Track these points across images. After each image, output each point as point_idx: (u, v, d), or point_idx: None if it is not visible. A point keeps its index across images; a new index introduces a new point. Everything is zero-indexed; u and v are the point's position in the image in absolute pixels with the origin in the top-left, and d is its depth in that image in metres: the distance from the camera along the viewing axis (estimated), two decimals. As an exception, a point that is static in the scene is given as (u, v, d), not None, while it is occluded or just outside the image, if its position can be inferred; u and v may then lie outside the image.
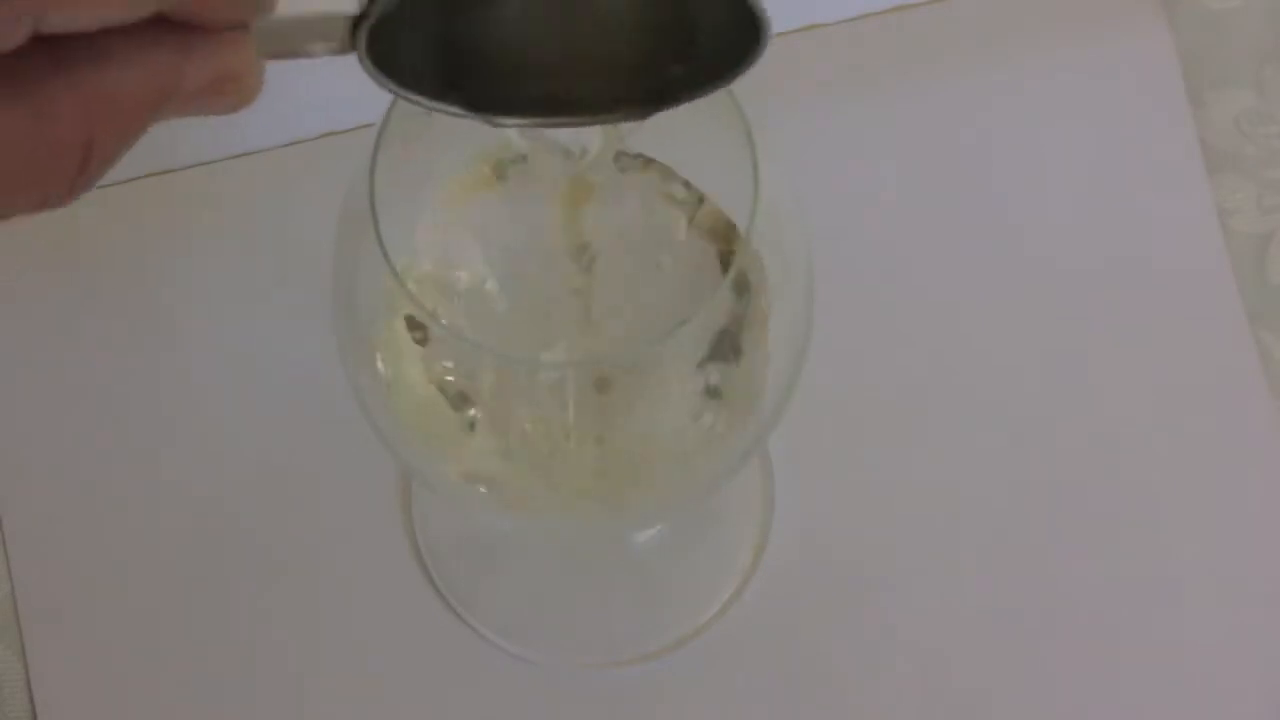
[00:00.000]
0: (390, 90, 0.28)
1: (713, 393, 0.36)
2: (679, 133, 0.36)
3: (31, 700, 0.45)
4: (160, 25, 0.25)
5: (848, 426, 0.47)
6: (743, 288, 0.34)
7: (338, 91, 0.44)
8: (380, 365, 0.36)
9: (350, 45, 0.27)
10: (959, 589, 0.46)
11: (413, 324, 0.35)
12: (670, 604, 0.47)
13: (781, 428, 0.37)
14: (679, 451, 0.38)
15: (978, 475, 0.47)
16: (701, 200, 0.38)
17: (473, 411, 0.37)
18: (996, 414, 0.48)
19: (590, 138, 0.34)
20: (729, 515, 0.47)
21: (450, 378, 0.36)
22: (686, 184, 0.38)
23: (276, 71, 0.27)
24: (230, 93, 0.26)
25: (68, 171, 0.25)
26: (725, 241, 0.38)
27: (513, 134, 0.34)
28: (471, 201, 0.38)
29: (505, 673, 0.46)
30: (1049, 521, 0.47)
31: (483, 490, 0.38)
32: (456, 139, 0.36)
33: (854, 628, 0.46)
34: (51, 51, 0.24)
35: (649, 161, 0.38)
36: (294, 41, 0.27)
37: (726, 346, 0.36)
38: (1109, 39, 0.51)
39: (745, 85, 0.32)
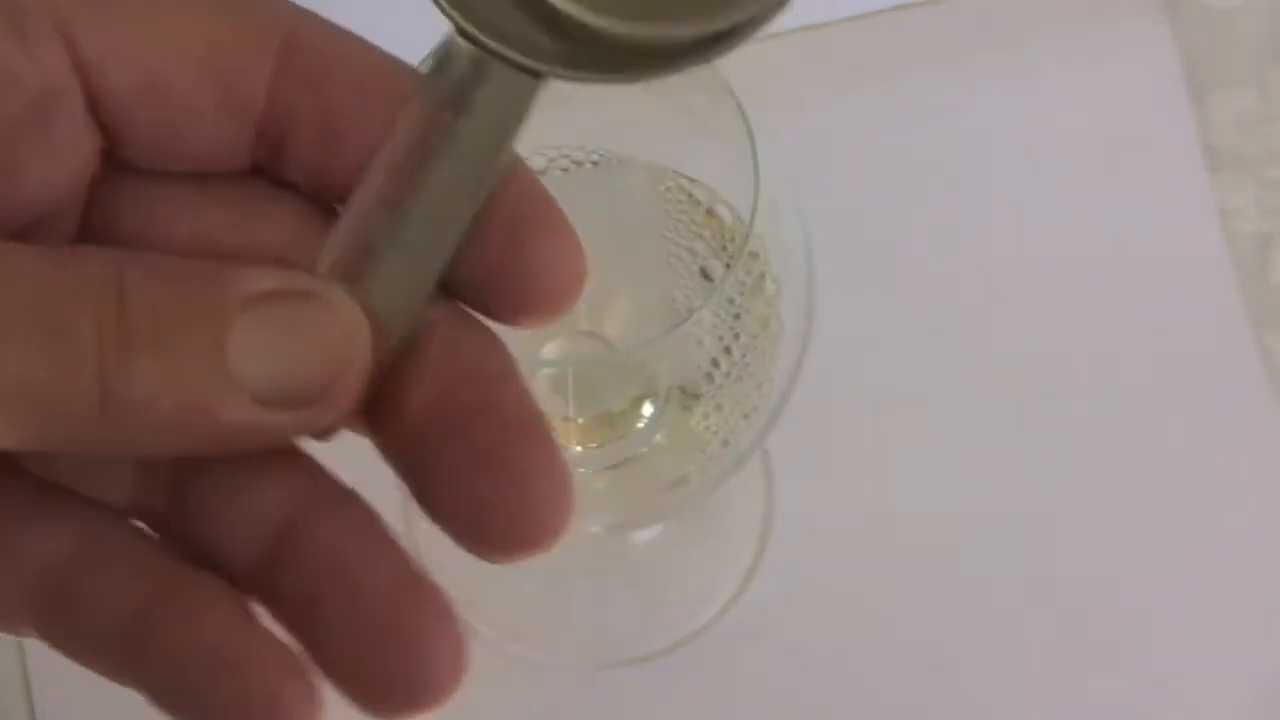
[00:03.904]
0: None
1: (712, 391, 0.36)
2: (680, 132, 0.36)
3: (31, 700, 0.45)
4: None
5: (848, 426, 0.47)
6: (742, 287, 0.34)
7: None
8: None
9: None
10: (959, 589, 0.46)
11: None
12: (670, 604, 0.47)
13: (781, 428, 0.37)
14: (680, 449, 0.38)
15: (978, 474, 0.47)
16: (702, 199, 0.38)
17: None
18: (996, 413, 0.47)
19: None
20: (729, 515, 0.47)
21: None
22: (687, 182, 0.38)
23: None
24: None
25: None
26: (725, 241, 0.38)
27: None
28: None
29: (505, 673, 0.46)
30: (1049, 521, 0.47)
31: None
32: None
33: (854, 628, 0.46)
34: None
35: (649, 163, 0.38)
36: None
37: (726, 345, 0.36)
38: (1110, 39, 0.51)
39: (746, 85, 0.32)
